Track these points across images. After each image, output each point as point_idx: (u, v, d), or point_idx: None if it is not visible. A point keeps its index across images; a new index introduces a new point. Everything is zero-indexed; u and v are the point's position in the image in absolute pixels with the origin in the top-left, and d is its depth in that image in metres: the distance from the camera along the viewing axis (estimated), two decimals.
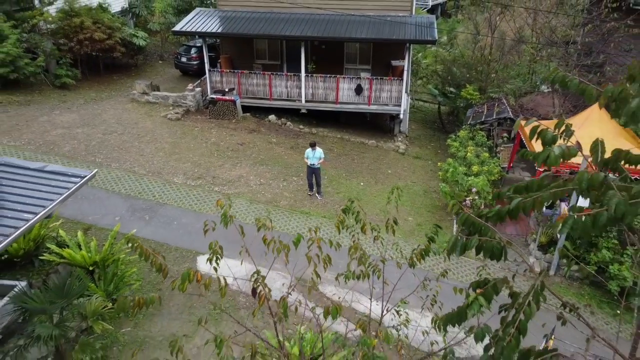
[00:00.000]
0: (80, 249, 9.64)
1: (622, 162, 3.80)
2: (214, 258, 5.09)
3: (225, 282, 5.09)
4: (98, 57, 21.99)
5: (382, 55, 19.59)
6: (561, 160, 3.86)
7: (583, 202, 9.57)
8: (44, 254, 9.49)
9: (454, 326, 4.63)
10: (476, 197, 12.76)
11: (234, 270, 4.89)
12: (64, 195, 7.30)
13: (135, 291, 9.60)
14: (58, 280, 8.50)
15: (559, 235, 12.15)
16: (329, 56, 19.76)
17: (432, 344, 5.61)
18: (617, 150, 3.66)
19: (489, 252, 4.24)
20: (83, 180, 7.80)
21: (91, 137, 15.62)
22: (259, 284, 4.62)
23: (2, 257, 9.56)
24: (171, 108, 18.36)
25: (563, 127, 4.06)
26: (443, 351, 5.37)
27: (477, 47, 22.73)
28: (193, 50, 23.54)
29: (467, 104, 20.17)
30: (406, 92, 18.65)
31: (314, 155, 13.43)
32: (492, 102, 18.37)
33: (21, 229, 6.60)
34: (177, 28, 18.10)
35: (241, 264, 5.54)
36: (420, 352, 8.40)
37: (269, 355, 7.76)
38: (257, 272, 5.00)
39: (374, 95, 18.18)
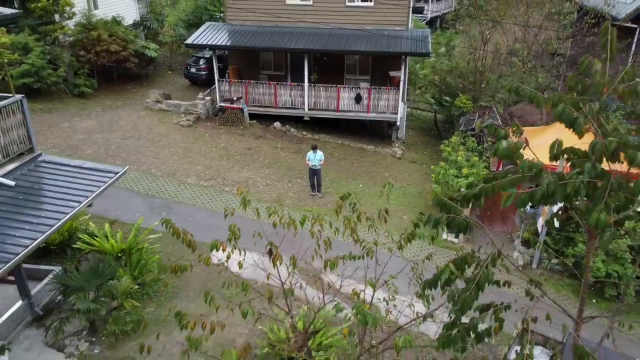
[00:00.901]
0: (108, 239, 10.82)
1: (570, 154, 5.02)
2: (233, 238, 6.28)
3: (245, 251, 6.30)
4: (112, 67, 23.31)
5: (380, 67, 20.88)
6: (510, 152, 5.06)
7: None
8: (77, 243, 10.67)
9: (430, 289, 5.81)
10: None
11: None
12: (103, 187, 8.51)
13: (155, 276, 10.75)
14: (91, 265, 9.69)
15: (540, 231, 13.29)
16: (330, 67, 21.05)
17: (416, 314, 6.77)
18: (569, 147, 4.89)
19: (456, 226, 5.46)
20: (117, 175, 9.01)
21: (110, 142, 16.87)
22: (273, 247, 5.84)
23: (40, 245, 10.72)
24: (183, 115, 19.65)
25: (515, 128, 5.35)
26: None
27: (471, 59, 24.03)
28: (202, 61, 24.85)
29: (461, 112, 21.38)
30: (403, 100, 19.89)
31: (315, 157, 14.65)
32: (483, 111, 19.60)
33: (70, 214, 7.79)
34: (189, 41, 19.46)
35: (254, 245, 6.67)
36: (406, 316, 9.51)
37: (279, 325, 8.90)
38: (271, 243, 6.21)
39: (373, 103, 19.43)
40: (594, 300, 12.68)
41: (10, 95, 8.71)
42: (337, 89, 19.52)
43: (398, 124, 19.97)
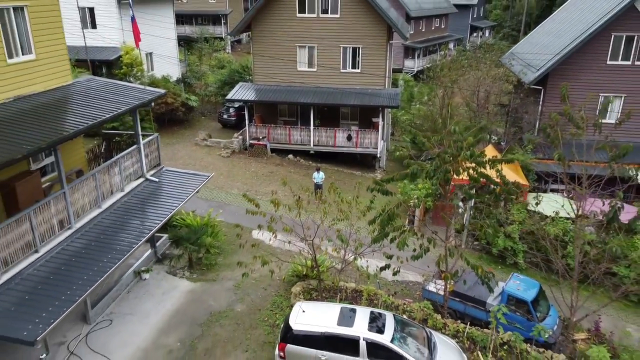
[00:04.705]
0: (193, 220, 17.85)
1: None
2: (275, 205, 13.37)
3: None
4: (164, 114, 30.95)
5: (365, 114, 28.45)
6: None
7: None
8: (175, 221, 17.74)
9: (371, 224, 12.95)
10: (416, 200, 21.04)
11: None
12: (203, 183, 15.69)
13: (222, 242, 17.73)
14: (190, 228, 16.68)
15: (465, 223, 20.26)
16: (329, 115, 28.64)
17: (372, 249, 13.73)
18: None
19: (382, 192, 12.78)
20: (207, 179, 16.20)
21: (176, 167, 24.13)
22: (300, 198, 12.96)
23: None
24: (223, 149, 27.06)
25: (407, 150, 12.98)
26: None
27: (438, 107, 31.68)
28: (231, 110, 32.60)
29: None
30: (382, 139, 27.26)
31: (318, 176, 21.84)
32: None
33: (188, 198, 14.89)
34: (229, 96, 27.22)
35: (276, 211, 13.74)
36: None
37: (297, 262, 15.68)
38: (298, 199, 13.28)
39: (360, 141, 26.83)
40: (500, 267, 19.47)
41: (152, 133, 16.04)
42: (334, 130, 26.97)
43: (379, 156, 27.28)
